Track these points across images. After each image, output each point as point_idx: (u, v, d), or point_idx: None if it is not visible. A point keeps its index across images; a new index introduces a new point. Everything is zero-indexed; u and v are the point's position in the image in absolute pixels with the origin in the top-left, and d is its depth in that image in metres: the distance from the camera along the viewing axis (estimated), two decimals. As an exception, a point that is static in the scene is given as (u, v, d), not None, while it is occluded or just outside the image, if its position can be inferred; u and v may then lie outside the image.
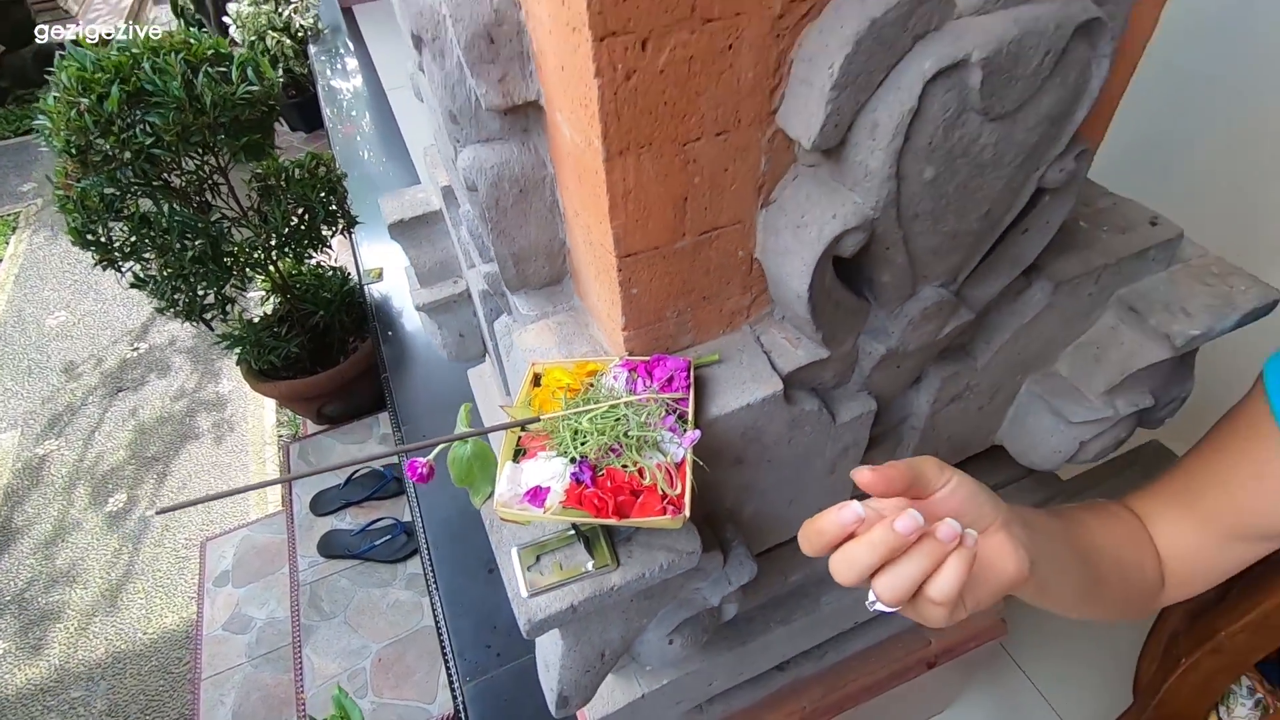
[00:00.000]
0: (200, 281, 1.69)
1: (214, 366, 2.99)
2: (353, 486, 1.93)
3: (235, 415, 2.78)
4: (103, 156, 1.44)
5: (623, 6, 0.29)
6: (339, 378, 2.10)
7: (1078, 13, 0.33)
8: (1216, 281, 0.54)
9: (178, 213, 1.56)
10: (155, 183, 1.52)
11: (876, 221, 0.36)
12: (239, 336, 1.95)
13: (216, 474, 2.57)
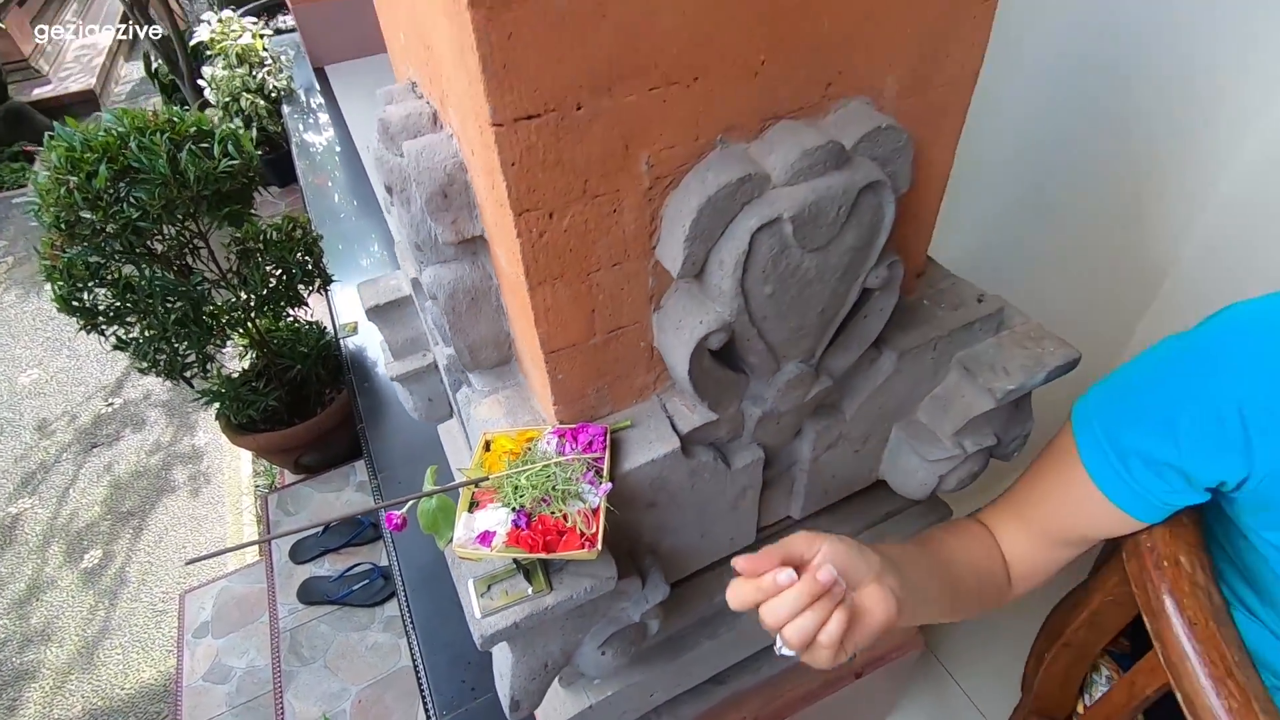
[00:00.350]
0: (182, 342, 1.78)
1: (189, 419, 3.03)
2: (331, 534, 2.00)
3: (211, 467, 2.83)
4: (90, 229, 1.53)
5: (535, 193, 0.42)
6: (316, 429, 2.18)
7: (860, 180, 0.46)
8: (1032, 345, 0.68)
9: (159, 277, 1.65)
10: (139, 250, 1.62)
11: (734, 324, 0.50)
12: (218, 392, 2.03)
13: (193, 526, 2.60)
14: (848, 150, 0.47)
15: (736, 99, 0.45)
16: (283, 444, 2.18)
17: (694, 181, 0.45)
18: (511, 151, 0.40)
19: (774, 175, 0.46)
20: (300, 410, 2.21)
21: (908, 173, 0.51)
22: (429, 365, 0.81)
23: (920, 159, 0.56)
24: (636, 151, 0.44)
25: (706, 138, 0.45)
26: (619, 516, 0.59)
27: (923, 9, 0.47)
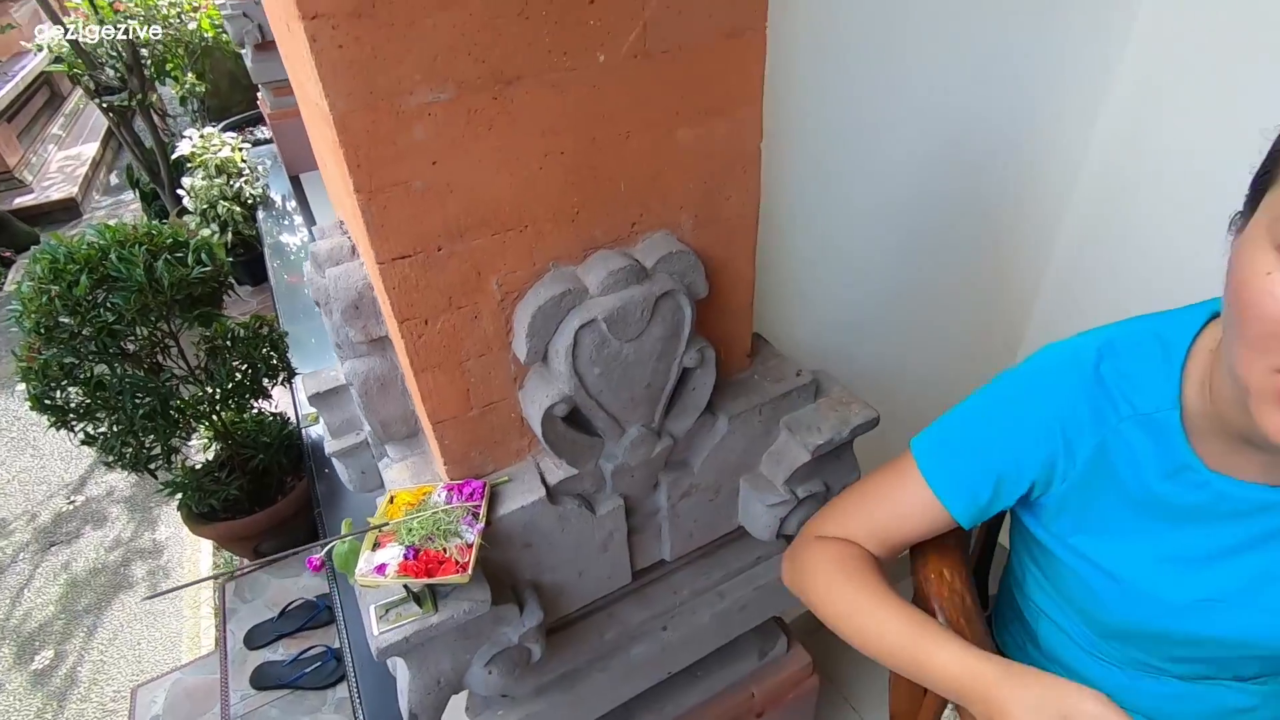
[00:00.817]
0: (148, 435, 1.89)
1: (151, 514, 3.07)
2: (286, 619, 2.06)
3: (171, 561, 2.85)
4: (68, 333, 1.68)
5: (412, 307, 0.59)
6: (276, 516, 2.26)
7: (658, 289, 0.65)
8: (842, 408, 0.86)
9: (130, 376, 1.78)
10: (112, 351, 1.76)
11: (574, 397, 0.66)
12: (180, 483, 2.12)
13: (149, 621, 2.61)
14: (648, 269, 0.66)
15: (561, 238, 0.63)
16: (243, 532, 2.25)
17: (531, 295, 0.63)
18: (392, 280, 0.57)
19: (591, 288, 0.64)
20: (261, 498, 2.30)
21: (702, 283, 0.69)
22: (361, 442, 0.95)
23: (723, 272, 0.75)
24: (488, 276, 0.62)
25: (541, 264, 0.64)
26: (501, 555, 0.73)
27: (699, 169, 0.67)
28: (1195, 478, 0.59)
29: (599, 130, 0.60)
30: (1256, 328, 0.44)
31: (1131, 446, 0.61)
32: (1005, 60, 1.00)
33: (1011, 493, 0.66)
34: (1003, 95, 1.03)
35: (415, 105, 0.51)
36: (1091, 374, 0.61)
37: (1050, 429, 0.63)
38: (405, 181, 0.54)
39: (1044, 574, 0.74)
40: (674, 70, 0.60)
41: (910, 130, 0.98)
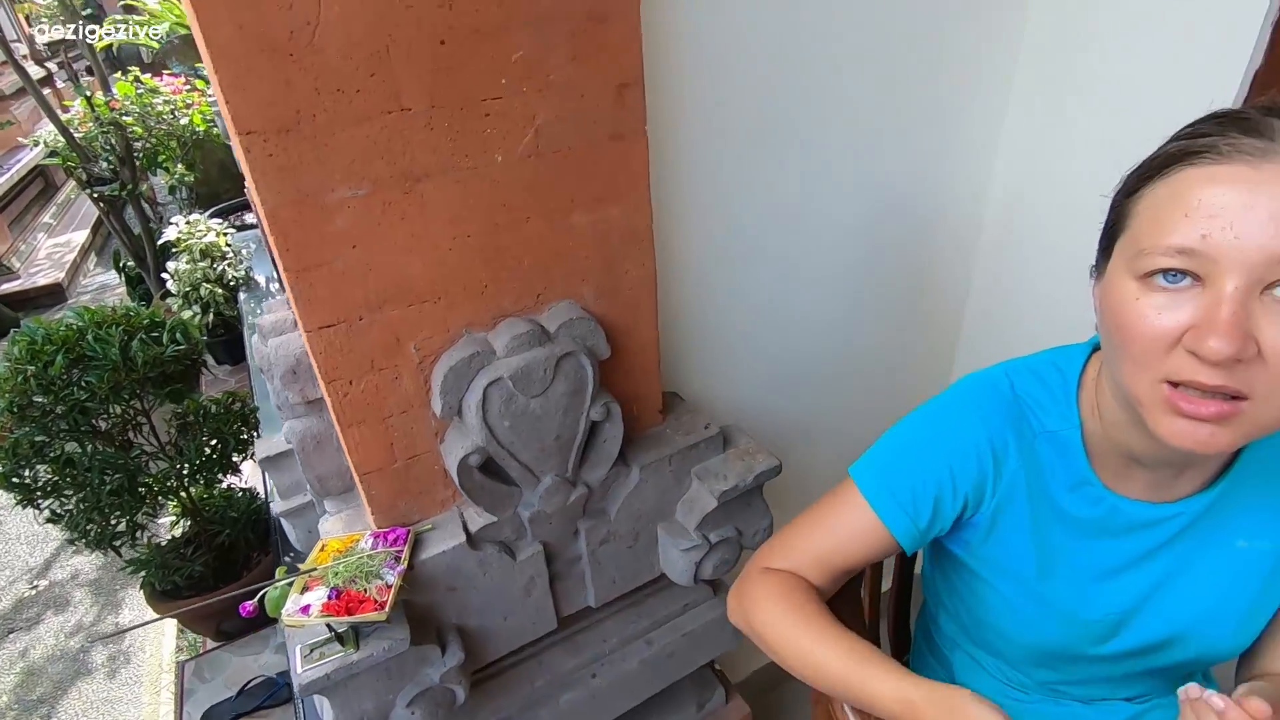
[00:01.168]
0: (114, 512, 1.91)
1: (115, 597, 3.02)
2: (245, 697, 2.02)
3: (133, 645, 2.80)
4: (40, 411, 1.73)
5: (337, 369, 0.68)
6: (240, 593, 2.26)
7: (559, 351, 0.74)
8: (748, 458, 0.94)
9: (100, 453, 1.83)
10: (83, 428, 1.81)
11: (487, 449, 0.74)
12: (145, 560, 2.13)
13: (106, 710, 2.54)
14: (551, 333, 0.75)
15: (472, 308, 0.73)
16: (207, 610, 2.24)
17: (445, 357, 0.72)
18: (319, 346, 0.66)
19: (499, 351, 0.73)
20: (226, 576, 2.29)
21: (604, 345, 0.79)
22: (308, 503, 1.02)
23: (628, 336, 0.85)
24: (406, 341, 0.71)
25: (455, 330, 0.73)
26: (426, 598, 0.79)
27: (596, 247, 0.78)
28: (1093, 492, 0.66)
29: (501, 217, 0.70)
30: (1136, 346, 0.51)
31: (1044, 461, 0.67)
32: (903, 128, 1.13)
33: (949, 513, 0.69)
34: (903, 159, 1.16)
35: (336, 200, 0.62)
36: (1009, 397, 0.68)
37: (980, 447, 0.67)
38: (328, 262, 0.64)
39: (963, 603, 0.79)
40: (565, 166, 0.72)
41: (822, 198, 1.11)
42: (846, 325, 1.28)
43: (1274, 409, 0.49)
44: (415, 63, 0.61)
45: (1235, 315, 0.46)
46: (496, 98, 0.66)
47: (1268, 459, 0.64)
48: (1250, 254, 0.46)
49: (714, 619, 1.06)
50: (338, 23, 0.57)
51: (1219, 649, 0.68)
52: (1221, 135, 0.49)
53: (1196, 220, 0.48)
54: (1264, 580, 0.66)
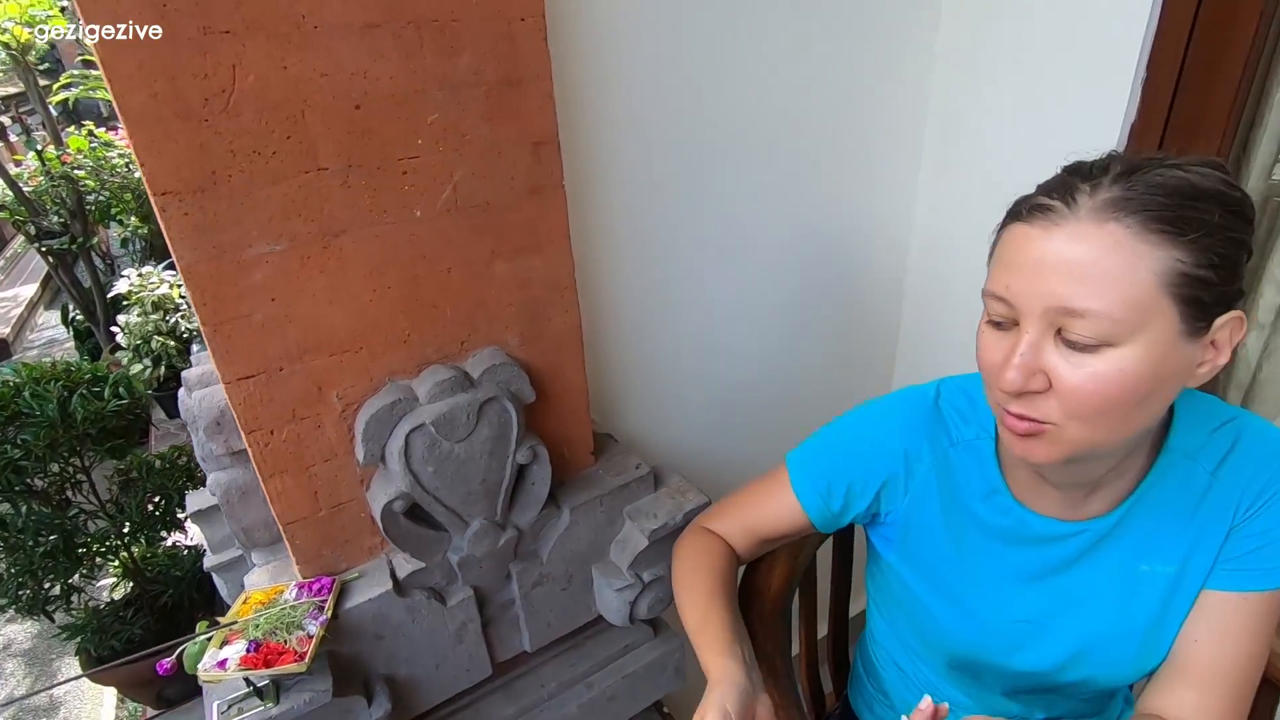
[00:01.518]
0: (48, 575, 1.84)
1: (50, 667, 2.88)
2: (184, 768, 1.93)
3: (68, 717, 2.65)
4: (-30, 471, 1.67)
5: (258, 419, 0.69)
6: (183, 655, 2.17)
7: (482, 396, 0.76)
8: (679, 496, 0.96)
9: (35, 513, 1.77)
10: (17, 488, 1.75)
11: (412, 494, 0.75)
12: (80, 625, 2.04)
13: (35, 788, 2.39)
14: (474, 379, 0.77)
15: (395, 357, 0.75)
16: (147, 674, 2.14)
17: (367, 405, 0.73)
18: (238, 397, 0.68)
19: (421, 397, 0.75)
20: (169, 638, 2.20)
21: (528, 390, 0.81)
22: (239, 556, 1.01)
23: (554, 380, 0.87)
24: (328, 391, 0.72)
25: (379, 379, 0.75)
26: (352, 648, 0.79)
27: (520, 295, 0.81)
28: (1003, 501, 0.71)
29: (421, 269, 0.73)
30: (982, 370, 0.61)
31: (957, 469, 0.73)
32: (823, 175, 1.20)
33: (860, 503, 0.77)
34: (825, 204, 1.22)
35: (254, 255, 0.64)
36: (932, 407, 0.75)
37: (894, 449, 0.74)
38: (247, 315, 0.65)
39: (895, 604, 0.83)
40: (485, 220, 0.75)
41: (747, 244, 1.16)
42: (779, 364, 1.32)
43: (1078, 431, 0.56)
44: (331, 126, 0.64)
45: (1024, 356, 0.55)
46: (414, 156, 0.69)
47: (1170, 487, 0.68)
48: (1036, 304, 0.54)
49: (655, 659, 1.06)
50: (253, 90, 0.60)
51: (1121, 670, 0.71)
52: (1041, 194, 0.57)
53: (1006, 273, 0.56)
54: (1162, 604, 0.69)
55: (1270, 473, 0.65)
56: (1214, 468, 0.66)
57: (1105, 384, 0.53)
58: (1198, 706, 0.66)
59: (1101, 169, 0.55)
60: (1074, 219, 0.53)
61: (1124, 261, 0.51)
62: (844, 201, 1.26)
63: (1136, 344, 0.52)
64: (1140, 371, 0.53)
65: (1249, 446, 0.66)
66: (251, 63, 0.59)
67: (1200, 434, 0.67)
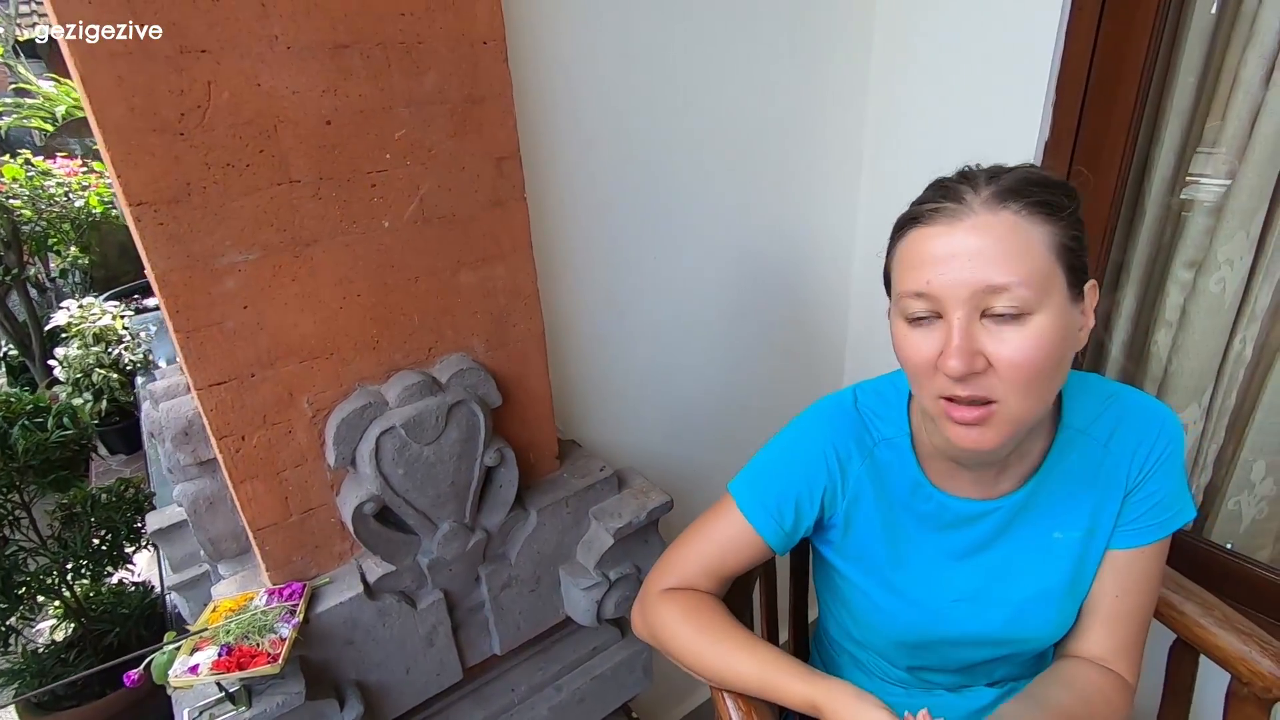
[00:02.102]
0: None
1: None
2: (133, 815, 1.84)
3: (0, 774, 2.50)
4: (-98, 507, 1.60)
5: (229, 425, 0.71)
6: (130, 697, 2.08)
7: (450, 399, 0.79)
8: (643, 497, 1.00)
9: (-30, 551, 1.69)
10: (-47, 526, 1.68)
11: (382, 496, 0.77)
12: (18, 669, 1.94)
13: None
14: (442, 383, 0.80)
15: (365, 363, 0.77)
16: (92, 719, 2.05)
17: (338, 410, 0.76)
18: (209, 403, 0.69)
19: (391, 401, 0.77)
20: (115, 681, 2.11)
21: (495, 394, 0.84)
22: (203, 574, 1.00)
23: (519, 386, 0.91)
24: (299, 396, 0.74)
25: (348, 385, 0.77)
26: (322, 653, 0.80)
27: (485, 304, 0.84)
28: (924, 491, 0.77)
29: (390, 277, 0.76)
30: (913, 372, 0.65)
31: (884, 465, 0.78)
32: (767, 191, 1.27)
33: (808, 514, 0.79)
34: (771, 220, 1.29)
35: (226, 264, 0.66)
36: (852, 410, 0.80)
37: (827, 455, 0.78)
38: (219, 322, 0.67)
39: (841, 605, 0.87)
40: (451, 231, 0.79)
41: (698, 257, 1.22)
42: (733, 371, 1.38)
43: (1017, 405, 0.62)
44: (303, 140, 0.67)
45: (961, 339, 0.60)
46: (382, 170, 0.73)
47: (1071, 460, 0.75)
48: (960, 290, 0.60)
49: (623, 660, 1.09)
50: (227, 105, 0.63)
51: (1049, 629, 0.78)
52: (929, 201, 0.64)
53: (921, 270, 0.62)
54: (1075, 567, 0.76)
55: (1151, 441, 0.74)
56: (1105, 439, 0.74)
57: (1034, 350, 0.59)
58: (1114, 648, 0.76)
59: (972, 176, 0.65)
60: (971, 213, 0.61)
61: (1023, 239, 0.60)
62: (790, 216, 1.33)
63: (1047, 310, 0.60)
64: (1054, 336, 0.60)
65: (1133, 419, 0.74)
66: (226, 80, 0.62)
67: (1089, 410, 0.75)
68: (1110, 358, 1.32)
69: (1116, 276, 1.27)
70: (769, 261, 1.35)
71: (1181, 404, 1.24)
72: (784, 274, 1.38)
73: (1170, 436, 0.74)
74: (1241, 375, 1.21)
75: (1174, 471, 0.75)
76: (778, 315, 1.41)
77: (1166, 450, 0.74)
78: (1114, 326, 1.30)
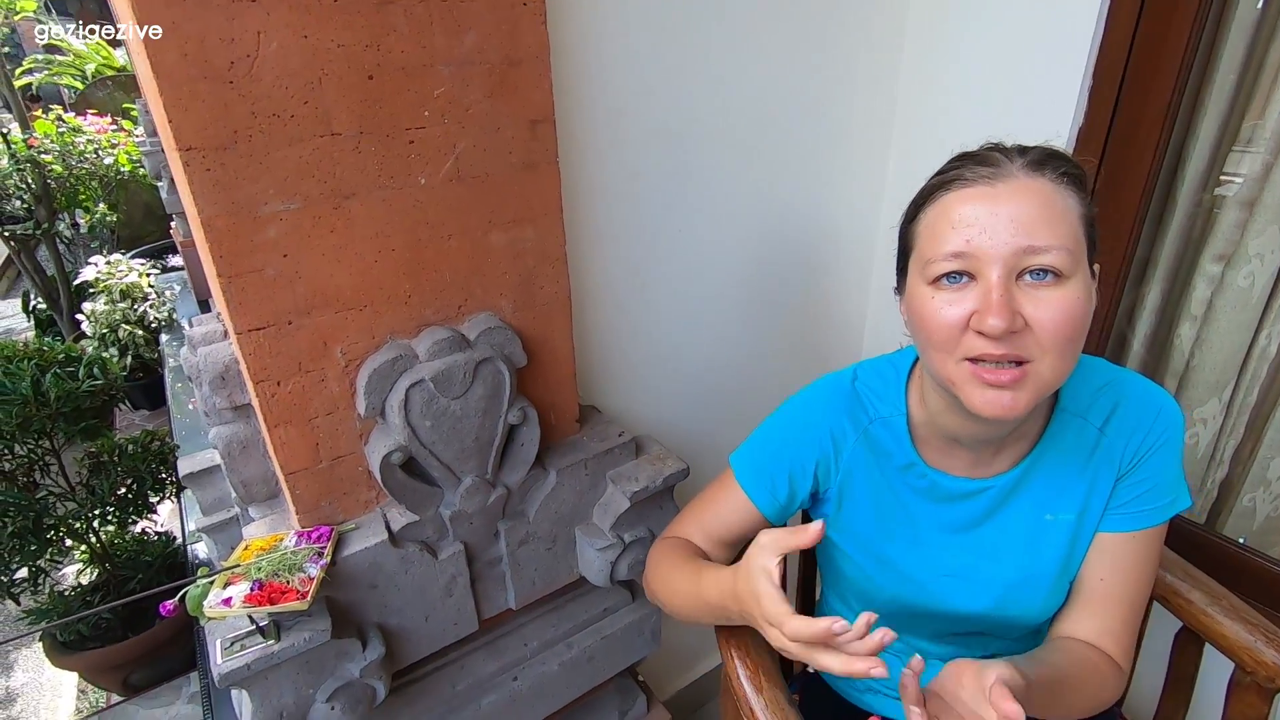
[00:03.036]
0: (15, 556, 1.82)
1: (7, 659, 2.81)
2: (152, 752, 1.91)
3: (26, 711, 2.60)
4: (-62, 449, 1.65)
5: (265, 370, 0.73)
6: (151, 641, 2.15)
7: (477, 356, 0.81)
8: (659, 463, 1.02)
9: (2, 493, 1.75)
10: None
11: (409, 447, 0.80)
12: (45, 610, 2.01)
13: (-9, 779, 2.34)
14: (470, 340, 0.82)
15: (396, 316, 0.79)
16: (113, 660, 2.12)
17: (369, 361, 0.78)
18: (248, 348, 0.71)
19: (421, 355, 0.79)
20: (135, 624, 2.19)
21: (520, 354, 0.86)
22: (231, 518, 1.03)
23: (544, 347, 0.92)
24: (333, 346, 0.76)
25: (380, 337, 0.79)
26: (347, 595, 0.83)
27: (513, 265, 0.86)
28: (918, 469, 0.79)
29: (423, 233, 0.78)
30: (938, 336, 0.64)
31: (878, 443, 0.80)
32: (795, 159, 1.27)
33: (803, 487, 0.82)
34: (797, 186, 1.29)
35: (269, 213, 0.68)
36: (849, 389, 0.82)
37: (821, 432, 0.81)
38: (260, 269, 0.69)
39: (836, 575, 0.90)
40: (484, 190, 0.80)
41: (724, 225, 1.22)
42: (751, 347, 1.39)
43: (1049, 366, 0.62)
44: (345, 94, 0.69)
45: (1002, 297, 0.60)
46: (420, 127, 0.74)
47: (1066, 442, 0.76)
48: (1001, 249, 0.61)
49: (633, 622, 1.12)
50: (275, 56, 0.65)
51: (1039, 609, 0.79)
52: (965, 167, 0.65)
53: (960, 230, 0.63)
54: (1067, 548, 0.77)
55: (1148, 427, 0.74)
56: (1101, 423, 0.75)
57: (1071, 311, 0.60)
58: (1100, 629, 0.76)
59: (1002, 147, 0.66)
60: (1012, 176, 0.62)
61: (1061, 205, 0.61)
62: (815, 197, 1.33)
63: (1079, 278, 0.61)
64: (1085, 303, 0.62)
65: (1131, 404, 0.74)
66: (274, 30, 0.64)
67: (1086, 393, 0.75)
68: (1131, 350, 1.32)
69: (1143, 270, 1.27)
70: (792, 241, 1.35)
71: (1201, 399, 1.24)
72: (806, 254, 1.39)
73: (1168, 423, 0.74)
74: (1265, 372, 1.21)
75: (1170, 459, 0.75)
76: (798, 294, 1.41)
77: (1164, 436, 0.74)
78: (1137, 320, 1.30)
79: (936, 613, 0.82)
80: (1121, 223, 1.17)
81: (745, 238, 1.27)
